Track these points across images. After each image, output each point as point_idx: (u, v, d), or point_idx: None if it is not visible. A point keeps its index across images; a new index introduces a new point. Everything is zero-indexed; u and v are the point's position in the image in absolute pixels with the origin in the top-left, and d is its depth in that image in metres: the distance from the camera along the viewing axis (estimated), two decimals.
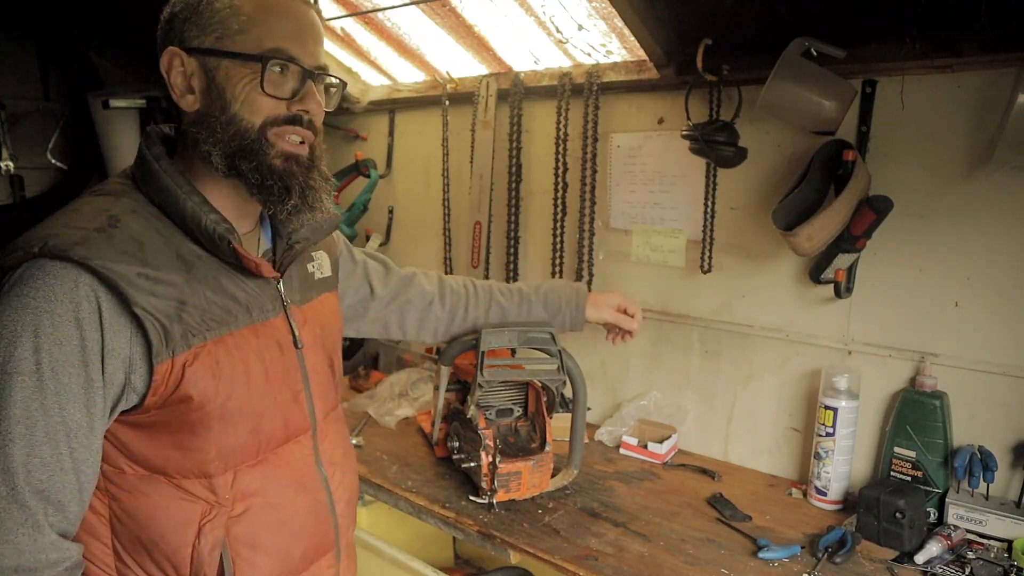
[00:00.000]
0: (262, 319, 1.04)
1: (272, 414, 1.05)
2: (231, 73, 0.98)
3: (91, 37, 3.15)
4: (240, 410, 1.00)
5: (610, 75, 2.00)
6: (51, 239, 0.87)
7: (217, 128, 0.98)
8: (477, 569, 2.43)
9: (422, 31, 2.19)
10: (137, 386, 0.92)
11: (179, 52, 0.98)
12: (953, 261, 1.57)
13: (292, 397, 1.09)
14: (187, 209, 0.97)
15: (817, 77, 1.50)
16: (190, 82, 0.99)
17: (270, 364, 1.04)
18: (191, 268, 0.97)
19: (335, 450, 1.18)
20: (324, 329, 1.18)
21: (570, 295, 1.63)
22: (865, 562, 1.44)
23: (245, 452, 1.02)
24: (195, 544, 0.98)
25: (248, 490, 1.03)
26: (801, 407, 1.83)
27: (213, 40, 0.97)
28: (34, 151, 3.08)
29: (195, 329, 0.94)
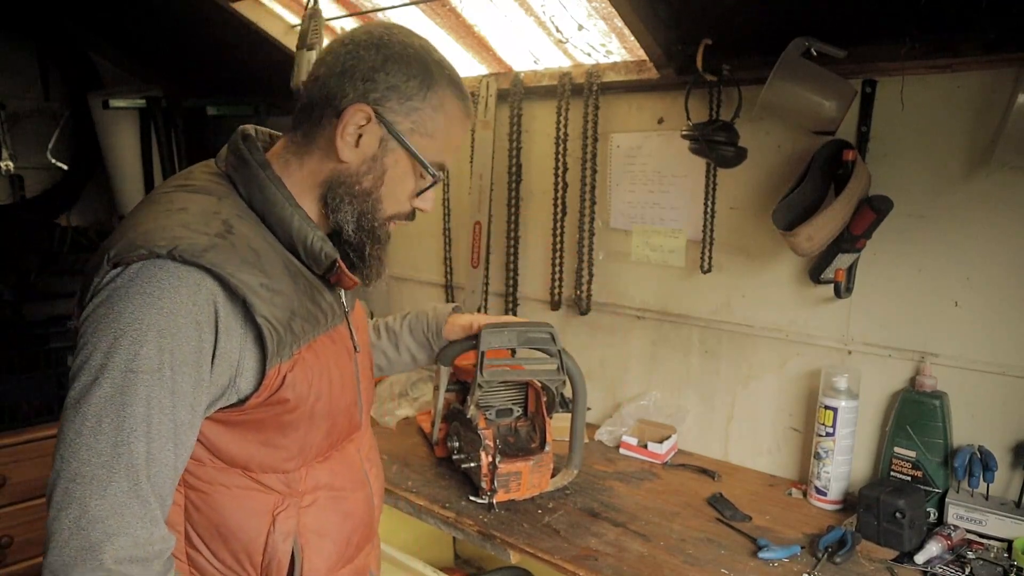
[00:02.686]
0: (334, 325, 1.08)
1: (342, 415, 1.10)
2: (400, 164, 1.02)
3: (91, 37, 3.15)
4: (325, 411, 1.05)
5: (610, 75, 2.00)
6: (179, 243, 0.87)
7: (358, 194, 1.02)
8: (477, 569, 2.43)
9: (422, 31, 2.18)
10: (241, 388, 0.94)
11: (371, 114, 0.98)
12: (953, 261, 1.57)
13: (353, 400, 1.13)
14: (294, 224, 0.99)
15: (817, 77, 1.50)
16: (359, 140, 1.00)
17: (344, 368, 1.09)
18: (296, 279, 1.00)
19: (372, 449, 1.25)
20: (366, 334, 1.25)
21: (429, 316, 1.57)
22: (865, 562, 1.44)
23: (319, 450, 1.07)
24: (269, 532, 1.01)
25: (317, 483, 1.08)
26: (801, 407, 1.83)
27: (407, 126, 1.00)
28: (34, 151, 3.08)
29: (299, 336, 0.98)
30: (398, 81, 0.98)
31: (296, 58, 2.09)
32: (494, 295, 2.38)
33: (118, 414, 0.83)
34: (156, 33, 2.89)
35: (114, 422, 0.83)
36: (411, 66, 0.99)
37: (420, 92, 1.00)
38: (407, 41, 1.01)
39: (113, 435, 0.83)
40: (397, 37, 1.01)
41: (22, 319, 2.52)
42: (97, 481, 0.82)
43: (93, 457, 0.82)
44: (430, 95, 1.00)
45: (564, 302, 2.22)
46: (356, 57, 0.99)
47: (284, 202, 1.00)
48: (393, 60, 0.99)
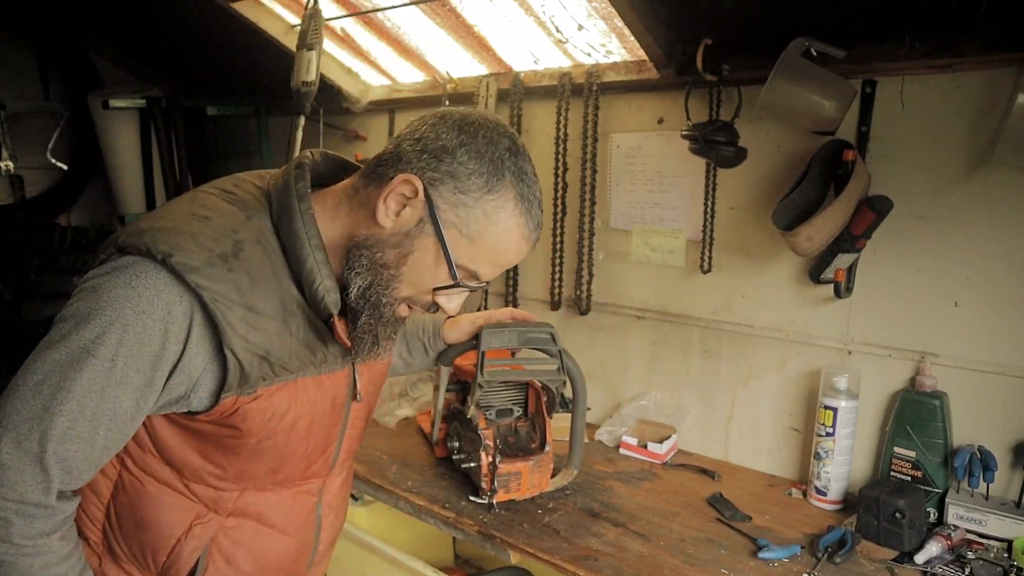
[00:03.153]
0: (330, 370, 1.06)
1: (297, 460, 1.08)
2: (429, 253, 0.97)
3: (91, 37, 3.16)
4: (272, 450, 1.03)
5: (610, 75, 2.00)
6: (176, 253, 0.89)
7: (377, 263, 0.98)
8: (477, 569, 2.43)
9: (422, 31, 2.19)
10: (194, 403, 0.95)
11: (419, 189, 0.94)
12: (953, 261, 1.57)
13: (322, 449, 1.11)
14: (307, 264, 0.97)
15: (817, 77, 1.50)
16: (400, 211, 0.96)
17: (317, 418, 1.06)
18: (287, 318, 0.98)
19: (337, 495, 1.20)
20: (374, 381, 1.20)
21: (427, 324, 1.57)
22: (865, 562, 1.44)
23: (259, 482, 1.06)
24: (180, 539, 1.02)
25: (246, 510, 1.07)
26: (801, 407, 1.83)
27: (450, 218, 0.95)
28: (34, 151, 3.08)
29: (268, 376, 0.97)
30: (461, 171, 0.94)
31: (296, 58, 2.09)
32: (494, 295, 2.38)
33: (59, 384, 0.87)
34: (156, 33, 2.90)
35: (52, 389, 0.87)
36: (483, 162, 0.95)
37: (478, 191, 0.95)
38: (495, 139, 0.96)
39: (48, 399, 0.87)
40: (487, 132, 0.96)
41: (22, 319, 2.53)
42: (15, 432, 0.87)
43: (24, 410, 0.87)
44: (486, 198, 0.95)
45: (564, 302, 2.22)
46: (437, 131, 0.96)
47: (306, 240, 0.97)
48: (468, 148, 0.95)
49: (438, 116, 0.98)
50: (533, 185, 1.00)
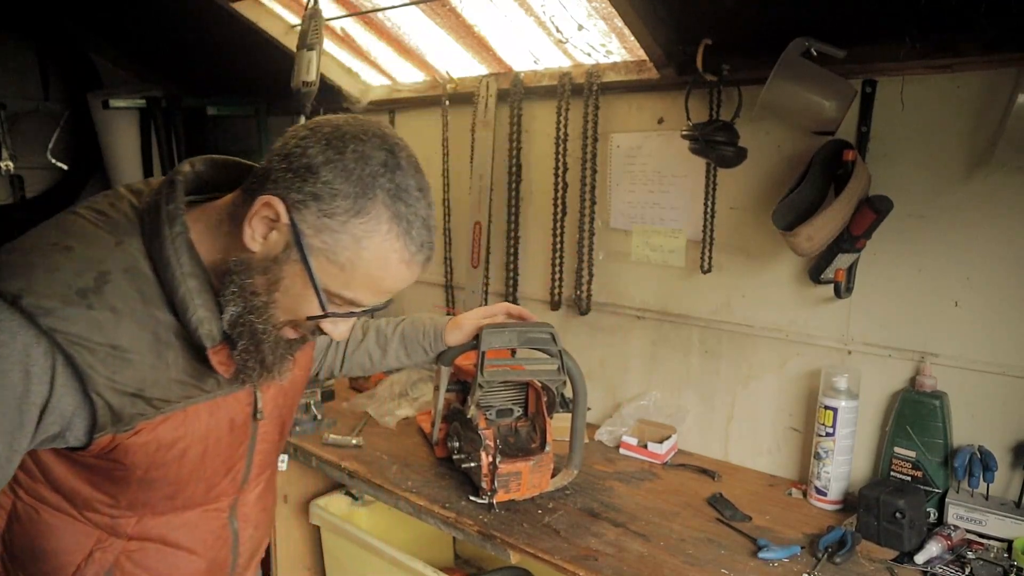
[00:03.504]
0: (224, 393, 1.00)
1: (195, 485, 1.04)
2: (297, 281, 0.90)
3: (91, 37, 3.16)
4: (163, 480, 0.99)
5: (610, 75, 2.00)
6: (27, 294, 0.82)
7: (247, 289, 0.91)
8: (477, 569, 2.43)
9: (422, 31, 2.19)
10: (70, 440, 0.90)
11: (282, 212, 0.87)
12: (953, 261, 1.57)
13: (226, 471, 1.07)
14: (179, 293, 0.90)
15: (817, 77, 1.50)
16: (268, 235, 0.89)
17: (212, 443, 1.01)
18: (162, 350, 0.91)
19: (254, 507, 1.17)
20: (286, 394, 1.14)
21: (428, 327, 1.55)
22: (865, 562, 1.44)
23: (155, 508, 1.03)
24: (80, 565, 1.00)
25: (149, 533, 1.04)
26: (801, 407, 1.83)
27: (315, 243, 0.87)
28: (34, 151, 3.08)
29: (146, 411, 0.92)
30: (325, 192, 0.85)
31: (296, 58, 2.09)
32: (494, 295, 2.38)
33: None
34: (156, 33, 2.89)
35: None
36: (350, 182, 0.86)
37: (344, 214, 0.86)
38: (367, 153, 0.87)
39: None
40: (359, 146, 0.87)
41: None
42: None
43: None
44: (354, 222, 0.86)
45: (564, 302, 2.22)
46: (305, 146, 0.87)
47: (176, 268, 0.89)
48: (333, 167, 0.86)
49: (309, 128, 0.89)
50: (416, 203, 0.90)
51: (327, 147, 0.87)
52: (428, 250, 0.93)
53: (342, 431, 2.07)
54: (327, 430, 2.07)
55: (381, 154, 0.88)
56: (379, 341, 1.54)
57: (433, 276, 2.62)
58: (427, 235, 0.92)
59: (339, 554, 2.15)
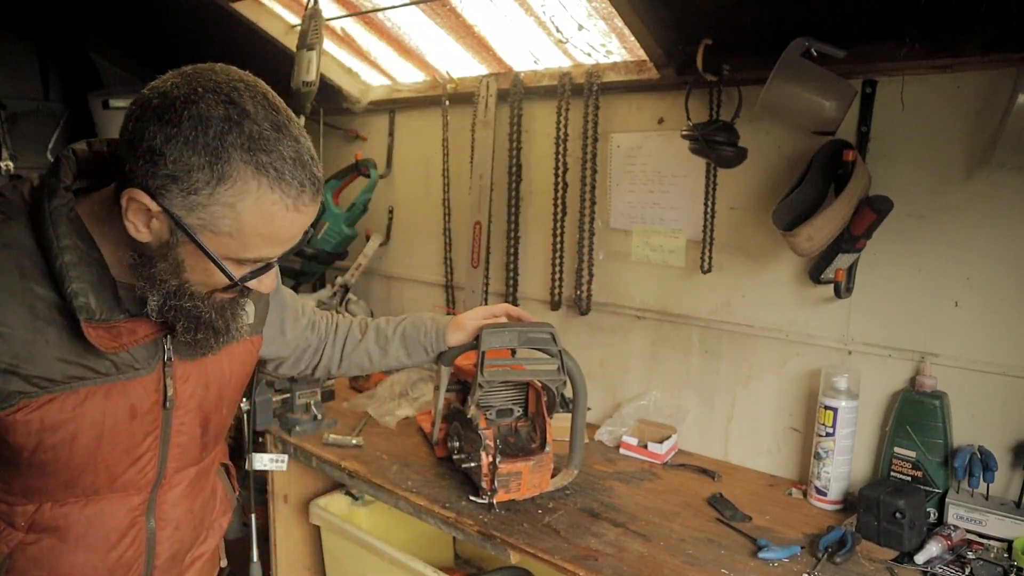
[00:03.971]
0: (125, 378, 0.97)
1: (95, 473, 1.00)
2: (196, 255, 0.88)
3: (91, 37, 3.15)
4: (55, 465, 0.96)
5: (610, 75, 2.00)
6: None
7: (158, 279, 0.90)
8: (477, 569, 2.43)
9: (422, 31, 2.19)
10: None
11: (149, 202, 0.84)
12: (953, 261, 1.57)
13: (131, 461, 1.02)
14: (56, 266, 0.88)
15: (817, 77, 1.50)
16: (149, 223, 0.87)
17: (108, 430, 0.98)
18: (42, 326, 0.89)
19: (176, 506, 1.12)
20: (209, 387, 1.10)
21: (429, 327, 1.54)
22: (865, 562, 1.44)
23: (53, 496, 1.00)
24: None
25: (47, 524, 1.01)
26: (801, 407, 1.83)
27: (195, 223, 0.85)
28: (34, 151, 3.08)
29: (25, 389, 0.89)
30: (179, 171, 0.82)
31: (296, 58, 2.09)
32: (494, 295, 2.38)
33: None
34: (156, 33, 2.89)
35: None
36: (198, 153, 0.81)
37: (207, 187, 0.82)
38: (206, 115, 0.81)
39: None
40: (193, 109, 0.82)
41: None
42: None
43: None
44: (221, 190, 0.82)
45: (564, 302, 2.22)
46: (141, 126, 0.83)
47: (53, 241, 0.88)
48: (176, 142, 0.81)
49: (140, 105, 0.85)
50: (276, 145, 0.84)
51: (162, 123, 0.82)
52: (311, 186, 0.88)
53: (342, 431, 2.08)
54: (327, 430, 2.07)
55: (220, 109, 0.82)
56: (379, 341, 1.54)
57: (433, 276, 2.62)
58: (302, 172, 0.86)
59: (339, 554, 2.15)
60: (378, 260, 2.78)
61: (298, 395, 2.12)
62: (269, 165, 0.83)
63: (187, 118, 0.81)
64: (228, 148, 0.82)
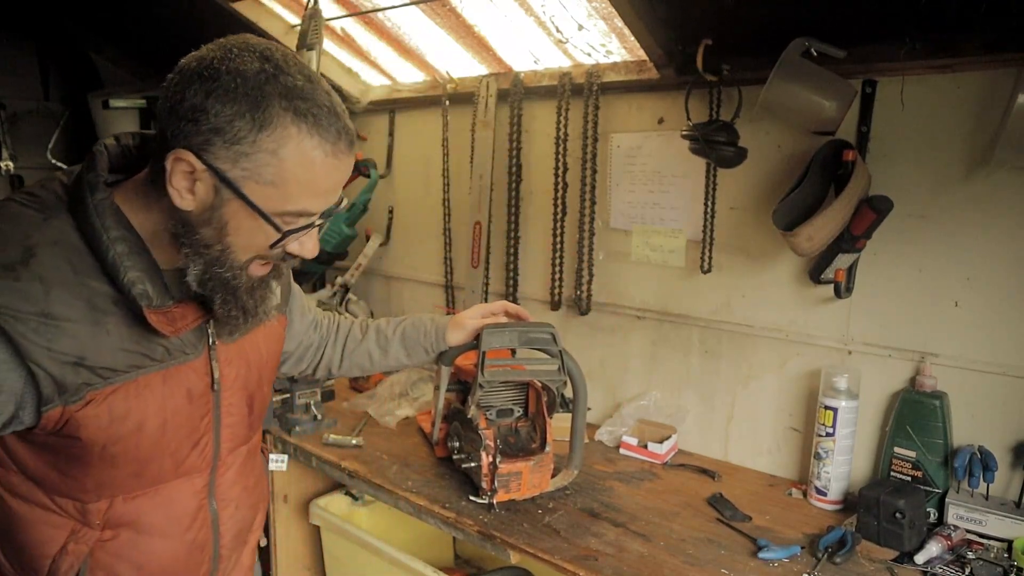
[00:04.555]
0: (177, 363, 1.00)
1: (162, 460, 1.03)
2: (241, 214, 0.90)
3: (91, 37, 3.15)
4: (124, 455, 0.98)
5: (610, 75, 2.00)
6: None
7: (202, 246, 0.93)
8: (477, 569, 2.43)
9: (422, 31, 2.19)
10: (25, 420, 0.91)
11: (193, 159, 0.87)
12: (953, 261, 1.57)
13: (192, 444, 1.06)
14: (108, 258, 0.91)
15: (817, 77, 1.50)
16: (193, 187, 0.89)
17: (171, 413, 1.01)
18: (101, 318, 0.91)
19: (233, 486, 1.16)
20: (250, 366, 1.14)
21: (428, 327, 1.55)
22: (865, 562, 1.44)
23: (124, 487, 1.02)
24: (55, 558, 1.00)
25: (122, 519, 1.03)
26: (801, 407, 1.83)
27: (239, 175, 0.87)
28: (34, 151, 3.08)
29: (92, 380, 0.91)
30: (221, 123, 0.85)
31: None
32: (494, 295, 2.38)
33: None
34: (156, 33, 2.89)
35: None
36: (238, 102, 0.85)
37: (250, 135, 0.85)
38: (242, 69, 0.85)
39: None
40: (230, 64, 0.86)
41: None
42: None
43: None
44: (263, 138, 0.86)
45: (564, 302, 2.22)
46: (181, 91, 0.87)
47: (103, 233, 0.90)
48: (216, 96, 0.85)
49: (177, 73, 0.88)
50: (312, 95, 0.88)
51: (201, 80, 0.85)
52: (346, 135, 0.92)
53: (342, 431, 2.08)
54: (327, 430, 2.07)
55: (256, 63, 0.86)
56: (379, 341, 1.54)
57: (433, 276, 2.62)
58: (337, 120, 0.90)
59: (339, 554, 2.15)
60: (378, 260, 2.78)
61: (298, 395, 2.13)
62: (307, 112, 0.87)
63: (225, 72, 0.85)
64: (267, 96, 0.85)
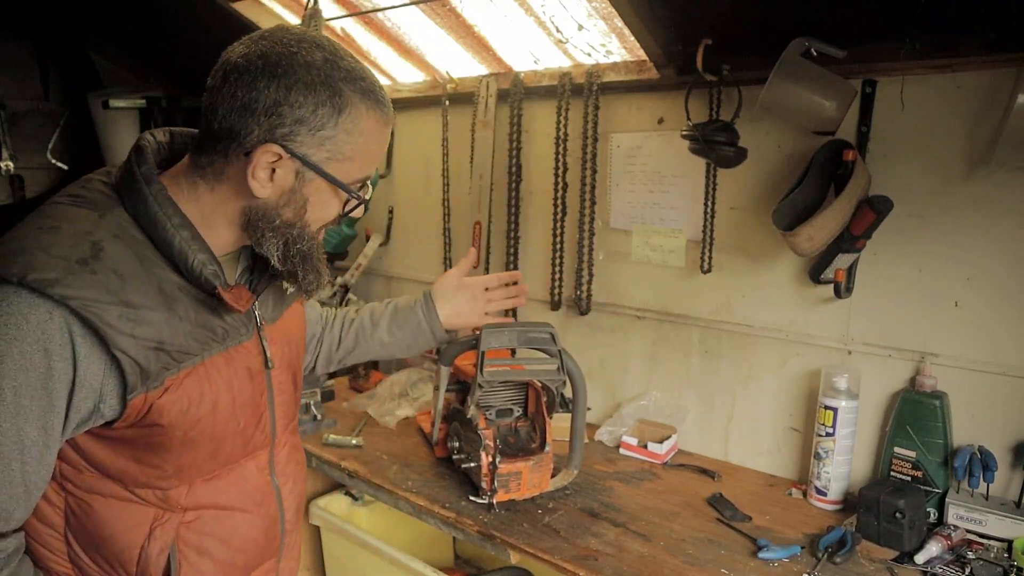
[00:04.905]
0: (235, 343, 1.05)
1: (234, 438, 1.07)
2: (321, 191, 0.98)
3: (91, 37, 3.15)
4: (203, 436, 1.02)
5: (610, 75, 2.00)
6: (30, 271, 0.85)
7: (281, 226, 0.98)
8: (477, 569, 2.43)
9: (422, 31, 2.19)
10: (106, 413, 0.93)
11: (281, 152, 0.92)
12: (953, 261, 1.57)
13: (255, 420, 1.11)
14: (175, 245, 0.94)
15: (817, 77, 1.50)
16: (273, 175, 0.95)
17: (238, 392, 1.06)
18: (172, 303, 0.95)
19: (288, 462, 1.21)
20: (290, 344, 1.19)
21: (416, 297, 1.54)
22: (865, 562, 1.44)
23: (202, 470, 1.06)
24: (144, 545, 1.02)
25: (202, 501, 1.07)
26: (801, 407, 1.83)
27: (322, 156, 0.95)
28: (34, 151, 3.08)
29: (170, 364, 0.95)
30: (305, 113, 0.91)
31: None
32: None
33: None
34: (156, 33, 2.89)
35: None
36: (317, 92, 0.91)
37: (331, 120, 0.93)
38: (309, 60, 0.91)
39: None
40: (298, 58, 0.91)
41: None
42: None
43: None
44: (342, 120, 0.93)
45: (564, 302, 2.22)
46: (255, 89, 0.90)
47: (166, 221, 0.94)
48: (297, 89, 0.90)
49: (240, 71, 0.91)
50: (364, 73, 0.96)
51: (276, 77, 0.90)
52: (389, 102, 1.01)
53: (342, 431, 2.08)
54: (327, 430, 2.07)
55: (318, 53, 0.92)
56: (372, 317, 1.54)
57: (433, 276, 2.61)
58: (383, 91, 0.99)
59: (339, 554, 2.15)
60: (378, 260, 2.78)
61: None
62: (368, 90, 0.96)
63: (297, 66, 0.91)
64: (339, 82, 0.93)
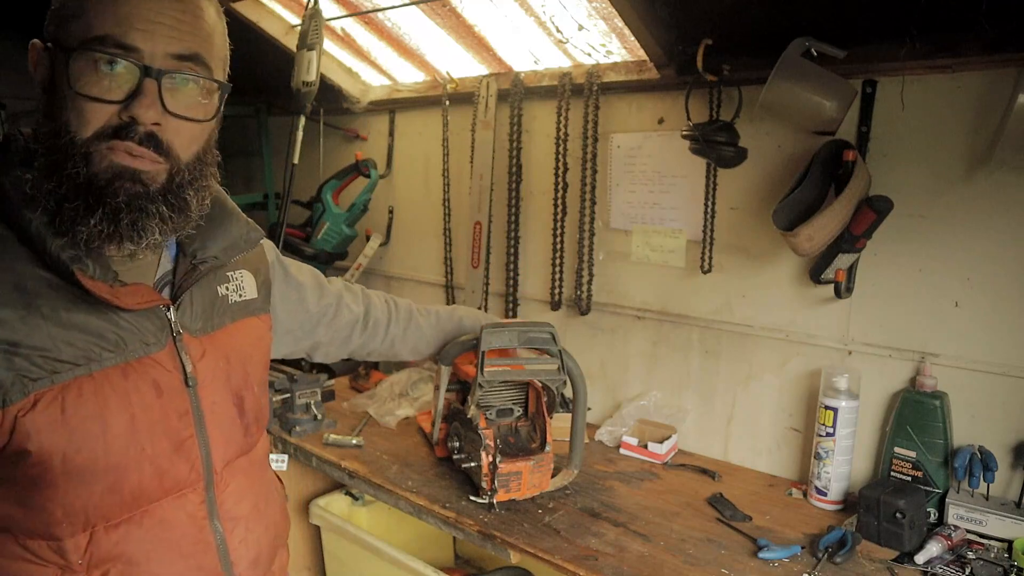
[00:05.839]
0: (139, 355, 0.91)
1: (139, 468, 0.91)
2: (59, 72, 0.84)
3: None
4: (93, 466, 0.87)
5: (610, 75, 2.00)
6: None
7: (43, 135, 0.86)
8: (477, 569, 2.43)
9: (422, 31, 2.19)
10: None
11: (37, 44, 0.86)
12: (953, 261, 1.57)
13: (173, 447, 0.94)
14: (31, 229, 0.84)
15: (817, 77, 1.50)
16: (39, 73, 0.88)
17: (139, 410, 0.90)
18: (33, 301, 0.84)
19: (239, 503, 1.04)
20: (232, 362, 1.03)
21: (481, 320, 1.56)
22: (865, 562, 1.44)
23: (102, 512, 0.90)
24: None
25: (108, 554, 0.90)
26: (801, 407, 1.83)
27: (53, 28, 0.85)
28: None
29: (34, 373, 0.83)
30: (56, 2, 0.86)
31: (296, 58, 2.09)
32: (494, 295, 2.38)
33: None
34: None
35: None
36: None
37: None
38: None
39: None
40: None
41: None
42: None
43: None
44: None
45: (564, 302, 2.22)
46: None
47: (22, 207, 0.85)
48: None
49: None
50: None
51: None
52: None
53: (342, 431, 2.08)
54: (327, 430, 2.07)
55: None
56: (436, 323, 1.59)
57: (433, 276, 2.62)
58: None
59: (339, 554, 2.15)
60: (378, 260, 2.78)
61: (298, 395, 2.13)
62: None
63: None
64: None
